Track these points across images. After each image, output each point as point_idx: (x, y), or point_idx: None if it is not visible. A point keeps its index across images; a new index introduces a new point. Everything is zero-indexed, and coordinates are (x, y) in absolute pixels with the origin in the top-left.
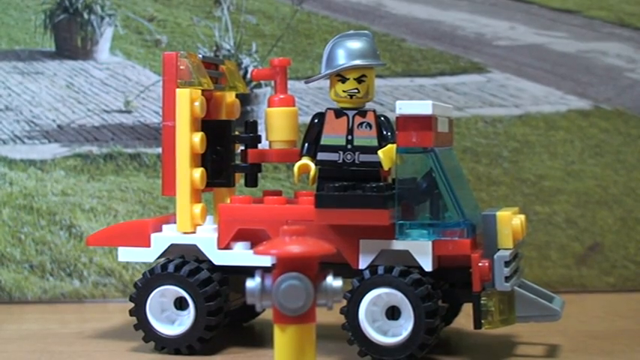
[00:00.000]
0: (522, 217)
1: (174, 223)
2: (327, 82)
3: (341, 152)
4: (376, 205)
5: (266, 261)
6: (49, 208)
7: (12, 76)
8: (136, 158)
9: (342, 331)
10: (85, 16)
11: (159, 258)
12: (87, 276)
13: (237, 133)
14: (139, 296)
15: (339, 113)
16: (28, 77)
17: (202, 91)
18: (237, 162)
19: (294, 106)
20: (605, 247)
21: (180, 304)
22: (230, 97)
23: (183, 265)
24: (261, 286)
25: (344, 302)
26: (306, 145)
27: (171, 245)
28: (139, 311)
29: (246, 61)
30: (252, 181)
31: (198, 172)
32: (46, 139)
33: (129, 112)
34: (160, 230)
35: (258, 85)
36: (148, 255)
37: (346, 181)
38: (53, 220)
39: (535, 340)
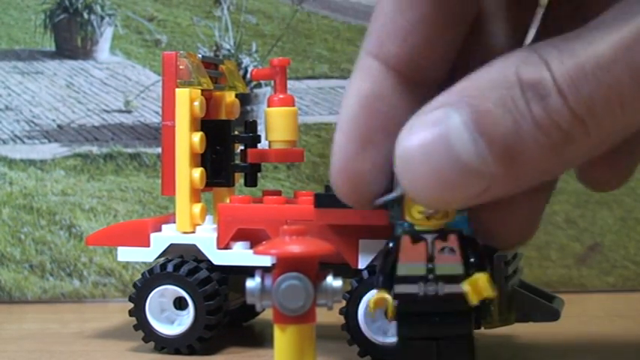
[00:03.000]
0: None
1: (174, 222)
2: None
3: (421, 283)
4: None
5: (266, 261)
6: (49, 207)
7: (12, 75)
8: (136, 158)
9: (342, 331)
10: (85, 15)
11: (158, 258)
12: (87, 276)
13: (236, 132)
14: (138, 296)
15: (416, 238)
16: (28, 77)
17: (202, 90)
18: (237, 162)
19: (293, 105)
20: (605, 247)
21: (180, 303)
22: (230, 96)
23: (182, 265)
24: (261, 286)
25: (343, 303)
26: (381, 276)
27: (171, 245)
28: (138, 311)
29: (246, 60)
30: (251, 181)
31: (198, 172)
32: (46, 138)
33: (129, 112)
34: (160, 230)
35: (258, 85)
36: (147, 255)
37: (429, 315)
38: (53, 220)
39: (535, 340)
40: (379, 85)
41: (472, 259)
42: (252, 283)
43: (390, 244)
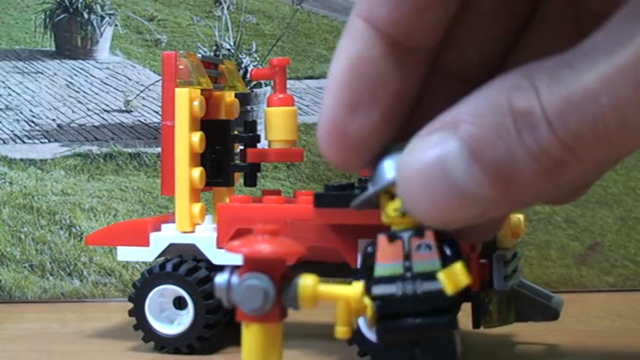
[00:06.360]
0: (521, 216)
1: (174, 222)
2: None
3: (399, 283)
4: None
5: None
6: (49, 207)
7: (12, 75)
8: (135, 158)
9: None
10: (85, 15)
11: (158, 257)
12: (87, 275)
13: (236, 132)
14: (137, 296)
15: (392, 237)
16: (28, 77)
17: (201, 90)
18: (237, 161)
19: (293, 105)
20: (605, 247)
21: (180, 303)
22: (229, 96)
23: (181, 264)
24: (228, 282)
25: None
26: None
27: (171, 245)
28: (138, 311)
29: (246, 60)
30: (251, 181)
31: (198, 172)
32: (46, 138)
33: (129, 111)
34: (159, 230)
35: (258, 85)
36: (147, 254)
37: (408, 317)
38: (53, 220)
39: (535, 339)
40: (368, 49)
41: (448, 252)
42: (220, 279)
43: (369, 248)
